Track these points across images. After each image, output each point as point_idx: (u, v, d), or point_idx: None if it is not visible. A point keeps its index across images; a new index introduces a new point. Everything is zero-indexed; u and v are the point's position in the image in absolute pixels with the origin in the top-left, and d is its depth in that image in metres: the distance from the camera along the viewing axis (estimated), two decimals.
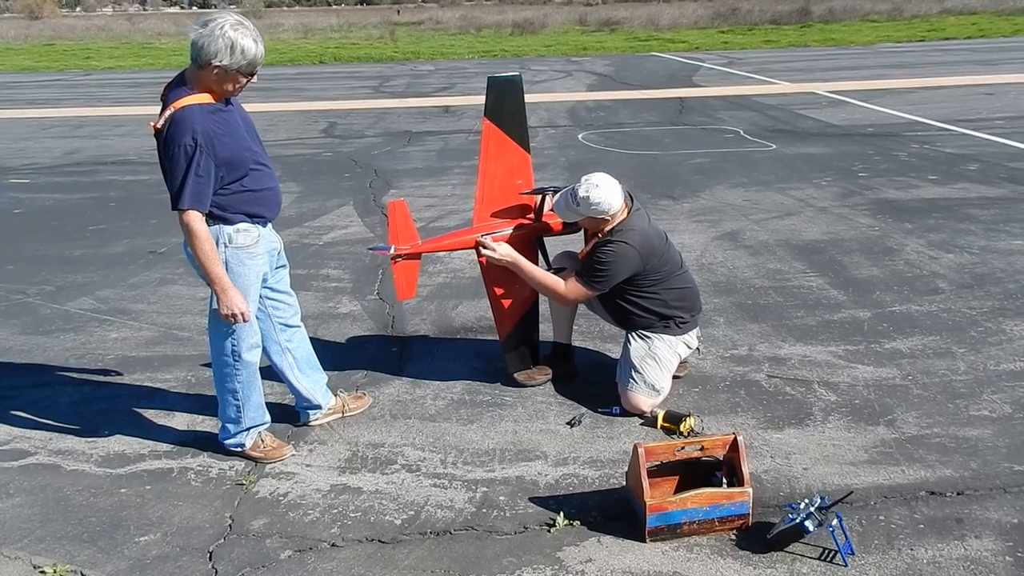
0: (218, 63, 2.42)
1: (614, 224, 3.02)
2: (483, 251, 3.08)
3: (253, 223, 2.64)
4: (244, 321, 2.61)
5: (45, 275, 4.95)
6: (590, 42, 23.25)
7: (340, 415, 3.11)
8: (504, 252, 3.07)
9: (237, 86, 2.51)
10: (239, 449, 2.86)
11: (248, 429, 2.84)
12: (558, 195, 3.07)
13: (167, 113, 2.44)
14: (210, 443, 2.97)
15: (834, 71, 14.71)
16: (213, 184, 2.49)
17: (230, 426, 2.84)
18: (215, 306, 2.61)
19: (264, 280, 2.76)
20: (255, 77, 2.52)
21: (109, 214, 6.41)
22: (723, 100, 11.61)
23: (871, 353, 3.55)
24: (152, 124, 2.48)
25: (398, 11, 35.03)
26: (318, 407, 3.05)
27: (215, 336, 2.73)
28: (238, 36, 2.41)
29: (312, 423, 3.07)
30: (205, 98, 2.48)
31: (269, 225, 2.75)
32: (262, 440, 2.87)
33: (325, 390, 3.08)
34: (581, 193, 2.94)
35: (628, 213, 3.05)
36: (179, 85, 2.50)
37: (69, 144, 9.69)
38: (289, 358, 2.95)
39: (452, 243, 3.26)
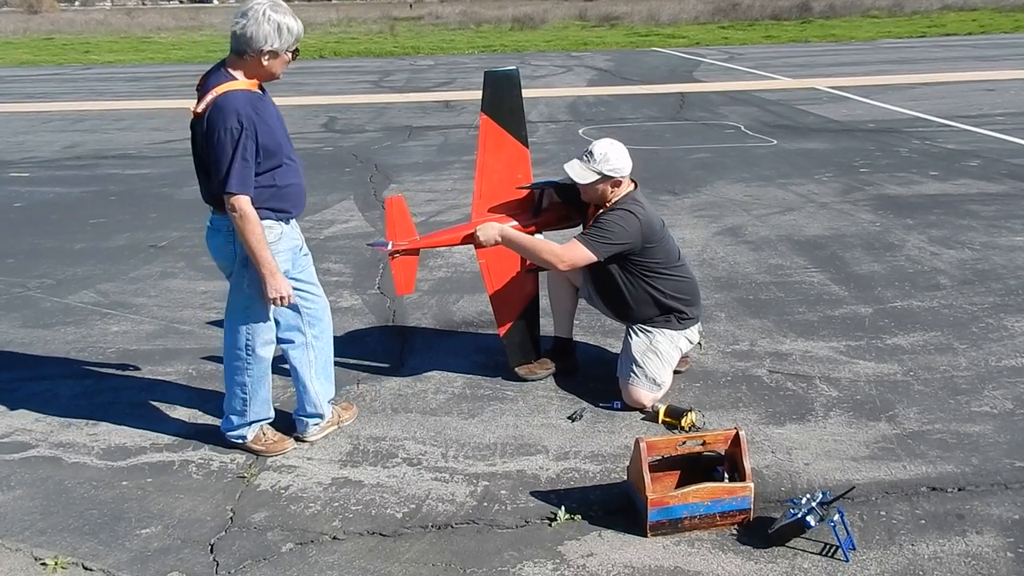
0: (270, 48, 2.46)
1: (620, 194, 3.03)
2: (475, 237, 3.02)
3: (277, 220, 2.63)
4: (288, 304, 2.64)
5: (46, 268, 4.94)
6: (590, 37, 23.20)
7: (336, 427, 3.02)
8: (490, 232, 3.00)
9: (285, 66, 2.57)
10: (240, 441, 2.85)
11: (251, 423, 2.84)
12: (571, 160, 3.05)
13: (209, 98, 2.44)
14: (211, 436, 2.97)
15: (835, 67, 14.68)
16: (254, 170, 2.50)
17: (234, 417, 2.83)
18: (245, 291, 2.63)
19: (286, 275, 2.75)
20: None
21: (109, 208, 6.40)
22: (724, 95, 11.59)
23: (872, 349, 3.55)
24: (192, 109, 2.48)
25: (411, 4, 34.80)
26: (320, 416, 2.95)
27: (231, 328, 2.73)
28: (280, 17, 2.46)
29: (309, 438, 2.93)
30: (248, 85, 2.51)
31: (292, 221, 2.73)
32: (264, 433, 2.86)
33: (329, 403, 2.99)
34: (598, 150, 2.96)
35: (634, 188, 3.08)
36: (220, 73, 2.51)
37: (69, 138, 9.67)
38: (311, 355, 2.86)
39: (450, 238, 3.25)
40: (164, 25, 31.59)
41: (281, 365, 3.22)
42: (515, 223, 3.17)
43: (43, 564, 2.30)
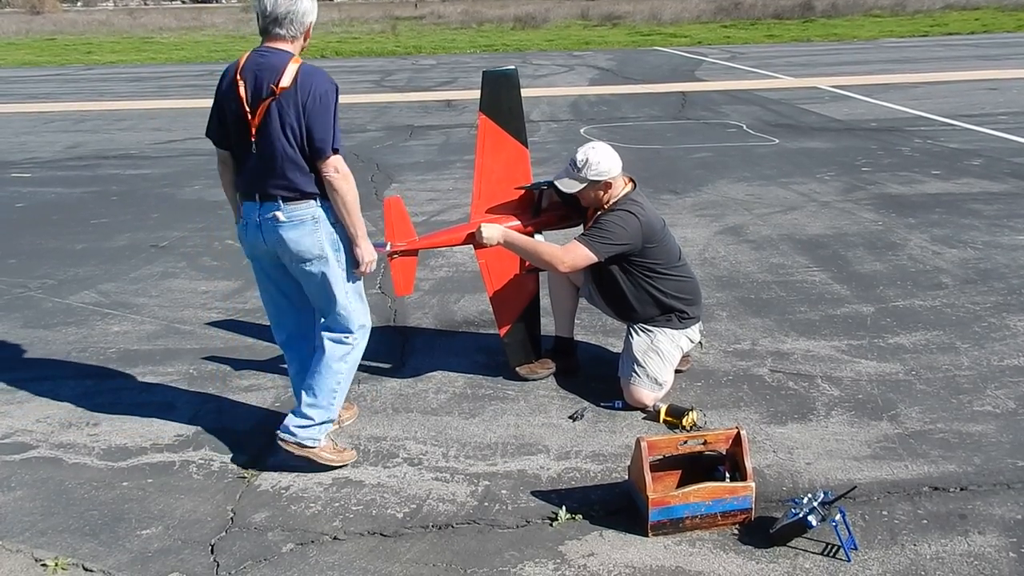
0: (314, 19, 2.53)
1: (617, 195, 3.02)
2: (476, 238, 3.02)
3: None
4: (371, 270, 2.68)
5: (47, 269, 4.95)
6: (592, 36, 23.19)
7: (337, 427, 2.98)
8: (492, 233, 2.99)
9: None
10: (312, 445, 2.66)
11: (327, 422, 2.71)
12: (559, 173, 3.04)
13: (291, 70, 2.41)
14: (212, 436, 2.97)
15: (837, 66, 14.66)
16: None
17: (316, 413, 2.65)
18: (342, 275, 2.60)
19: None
20: None
21: (111, 208, 6.40)
22: (725, 94, 11.58)
23: (874, 348, 3.54)
24: (274, 86, 2.41)
25: (415, 4, 34.80)
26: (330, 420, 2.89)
27: (337, 318, 2.65)
28: None
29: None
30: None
31: None
32: (333, 442, 2.77)
33: None
34: (580, 157, 2.95)
35: (633, 188, 3.06)
36: (279, 54, 2.46)
37: (71, 138, 9.68)
38: (319, 355, 2.79)
39: (448, 239, 3.24)
40: (166, 25, 31.64)
41: (280, 365, 3.23)
42: (515, 223, 3.17)
43: (43, 565, 2.30)
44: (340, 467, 2.72)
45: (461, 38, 23.79)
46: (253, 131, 2.46)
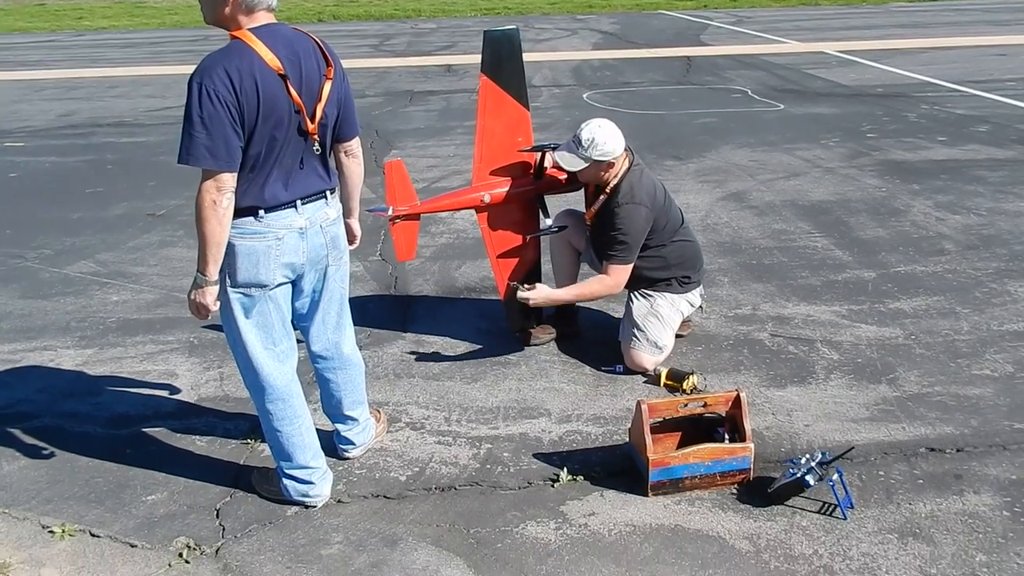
0: None
1: (617, 173, 2.99)
2: (520, 295, 2.95)
3: None
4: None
5: (43, 239, 4.93)
6: (595, 0, 22.80)
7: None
8: (541, 294, 2.97)
9: None
10: (372, 437, 2.67)
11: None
12: (561, 147, 3.02)
13: (313, 44, 2.11)
14: (214, 403, 2.98)
15: (844, 31, 14.44)
16: None
17: (361, 412, 2.60)
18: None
19: None
20: None
21: (106, 177, 6.36)
22: (731, 59, 11.42)
23: (875, 313, 3.54)
24: (325, 66, 2.12)
25: None
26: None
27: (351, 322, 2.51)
28: None
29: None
30: None
31: None
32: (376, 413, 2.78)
33: None
34: (585, 136, 2.91)
35: (630, 165, 3.02)
36: (286, 27, 2.10)
37: (64, 106, 9.58)
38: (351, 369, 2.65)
39: (451, 203, 3.22)
40: None
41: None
42: (519, 189, 3.14)
43: (51, 532, 2.32)
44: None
45: (461, 1, 23.39)
46: (313, 126, 2.09)
